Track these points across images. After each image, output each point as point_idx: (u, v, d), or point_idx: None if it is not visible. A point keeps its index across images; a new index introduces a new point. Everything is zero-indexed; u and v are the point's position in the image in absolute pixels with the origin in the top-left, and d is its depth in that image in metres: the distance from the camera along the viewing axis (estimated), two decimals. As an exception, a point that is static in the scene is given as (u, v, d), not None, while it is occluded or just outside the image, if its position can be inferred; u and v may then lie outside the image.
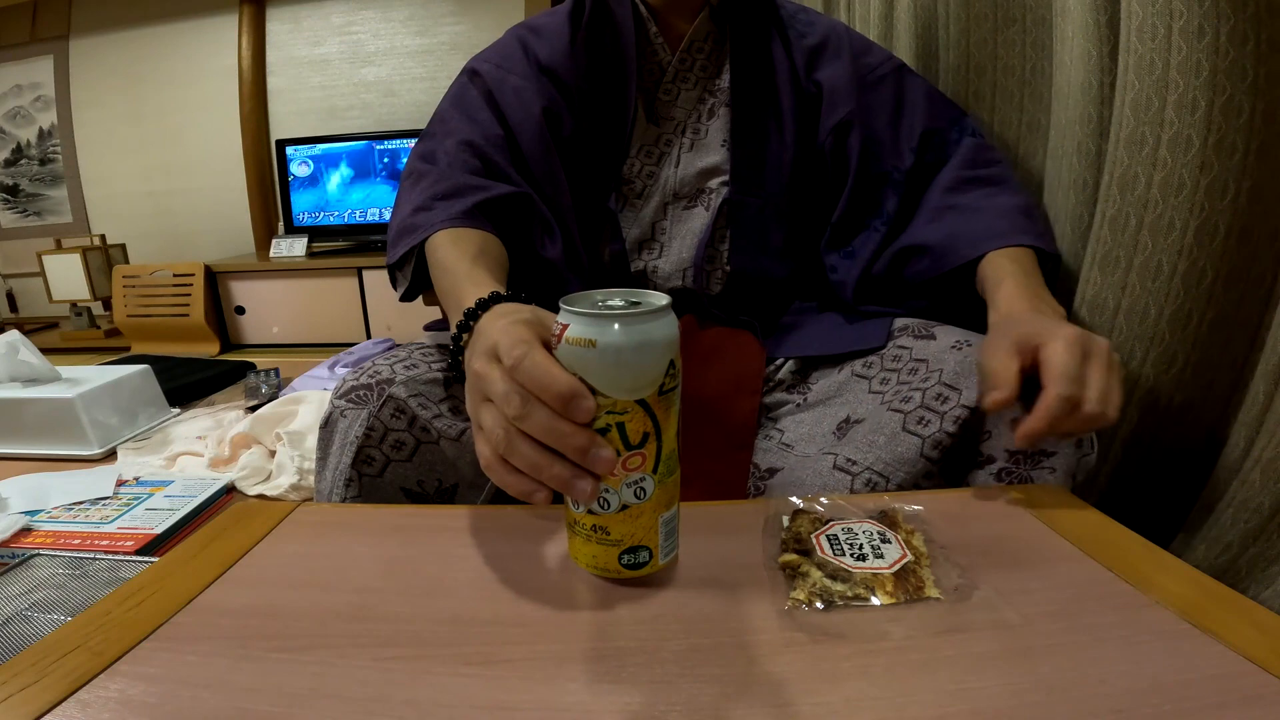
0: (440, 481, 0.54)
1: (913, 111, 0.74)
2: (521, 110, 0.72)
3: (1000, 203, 0.69)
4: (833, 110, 0.73)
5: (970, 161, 0.72)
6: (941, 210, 0.70)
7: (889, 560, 0.40)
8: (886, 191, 0.73)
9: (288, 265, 2.54)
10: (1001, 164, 0.73)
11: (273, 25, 2.83)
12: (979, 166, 0.72)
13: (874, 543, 0.41)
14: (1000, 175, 0.72)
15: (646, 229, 0.76)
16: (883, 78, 0.75)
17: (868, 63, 0.75)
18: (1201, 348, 0.63)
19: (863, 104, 0.73)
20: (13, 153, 3.07)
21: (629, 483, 0.36)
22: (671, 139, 0.76)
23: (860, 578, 0.38)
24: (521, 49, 0.75)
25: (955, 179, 0.71)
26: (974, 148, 0.73)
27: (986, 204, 0.69)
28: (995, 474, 0.53)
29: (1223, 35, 0.55)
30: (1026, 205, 0.70)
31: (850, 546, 0.41)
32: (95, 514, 1.14)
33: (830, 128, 0.73)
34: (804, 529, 0.42)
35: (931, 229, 0.70)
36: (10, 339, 1.50)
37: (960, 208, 0.69)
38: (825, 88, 0.74)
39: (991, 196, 0.69)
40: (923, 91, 0.76)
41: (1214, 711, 0.29)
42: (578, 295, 0.38)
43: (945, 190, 0.71)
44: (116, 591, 0.40)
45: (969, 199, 0.70)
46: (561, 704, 0.31)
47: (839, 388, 0.63)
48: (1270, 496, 0.53)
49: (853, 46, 0.76)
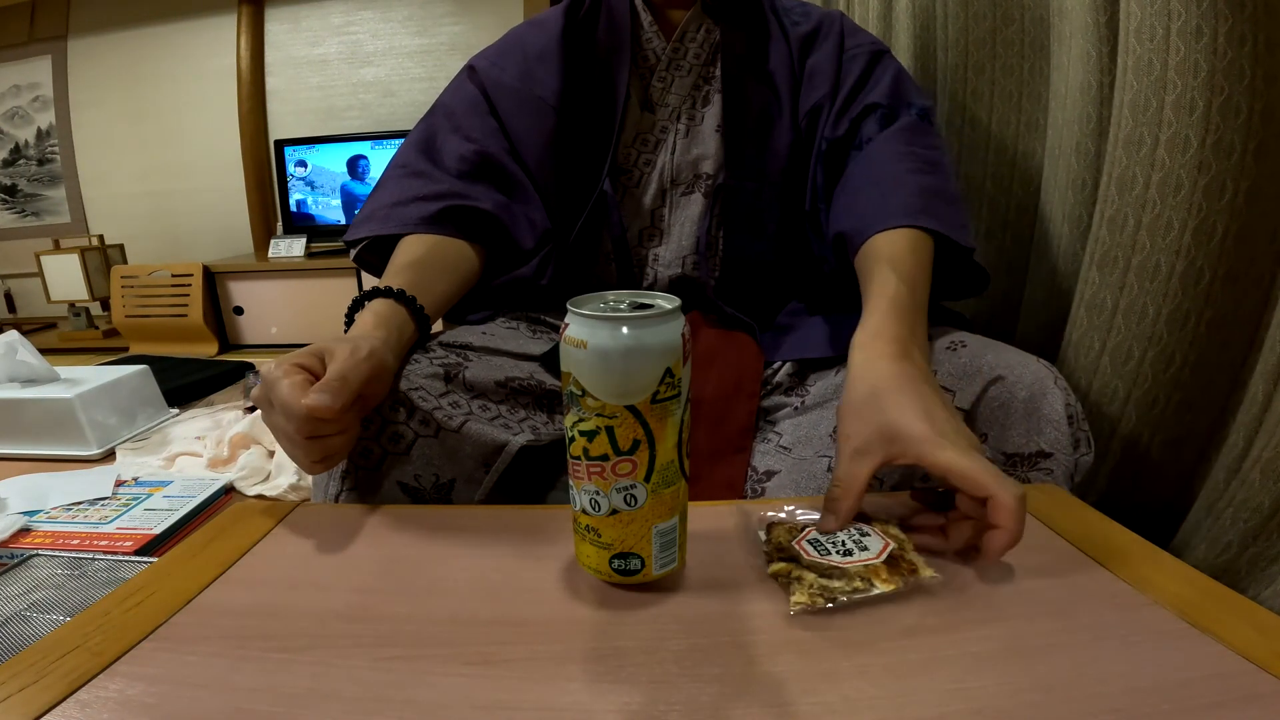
0: (437, 476, 0.54)
1: (872, 88, 0.72)
2: (515, 103, 0.74)
3: (924, 181, 0.64)
4: (810, 92, 0.74)
5: (907, 138, 0.68)
6: (860, 188, 0.67)
7: (875, 551, 0.39)
8: (815, 165, 0.72)
9: (286, 265, 2.54)
10: (938, 149, 0.69)
11: (271, 25, 2.83)
12: (914, 145, 0.68)
13: (854, 538, 0.41)
14: (934, 158, 0.68)
15: (647, 217, 0.77)
16: (855, 57, 0.74)
17: (849, 44, 0.75)
18: (1200, 347, 0.63)
19: (835, 84, 0.73)
20: (11, 153, 3.06)
21: (619, 488, 0.36)
22: (667, 126, 0.77)
23: (854, 571, 0.38)
24: (519, 42, 0.78)
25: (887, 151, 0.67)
26: (916, 125, 0.69)
27: (910, 180, 0.64)
28: (994, 475, 0.53)
29: (1221, 36, 0.55)
30: (948, 191, 0.65)
31: (833, 546, 0.40)
32: (94, 514, 1.14)
33: (806, 110, 0.73)
34: (783, 538, 0.42)
35: (848, 214, 0.66)
36: (9, 339, 1.49)
37: (881, 183, 0.65)
38: (808, 69, 0.74)
39: (918, 173, 0.65)
40: (892, 73, 0.73)
41: (1213, 711, 0.29)
42: (589, 295, 0.37)
43: (872, 162, 0.68)
44: (115, 592, 0.40)
45: (892, 171, 0.66)
46: (561, 704, 0.31)
47: (836, 390, 0.63)
48: (1269, 496, 0.54)
49: (843, 31, 0.76)
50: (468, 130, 0.74)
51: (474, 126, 0.74)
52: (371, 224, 0.69)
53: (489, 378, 0.59)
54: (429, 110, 0.79)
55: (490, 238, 0.71)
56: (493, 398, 0.59)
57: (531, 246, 0.72)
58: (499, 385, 0.59)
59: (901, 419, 0.42)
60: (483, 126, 0.74)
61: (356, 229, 0.71)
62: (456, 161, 0.72)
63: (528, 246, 0.72)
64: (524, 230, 0.72)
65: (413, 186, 0.70)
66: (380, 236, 0.69)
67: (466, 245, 0.69)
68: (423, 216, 0.67)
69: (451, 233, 0.68)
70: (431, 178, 0.71)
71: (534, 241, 0.72)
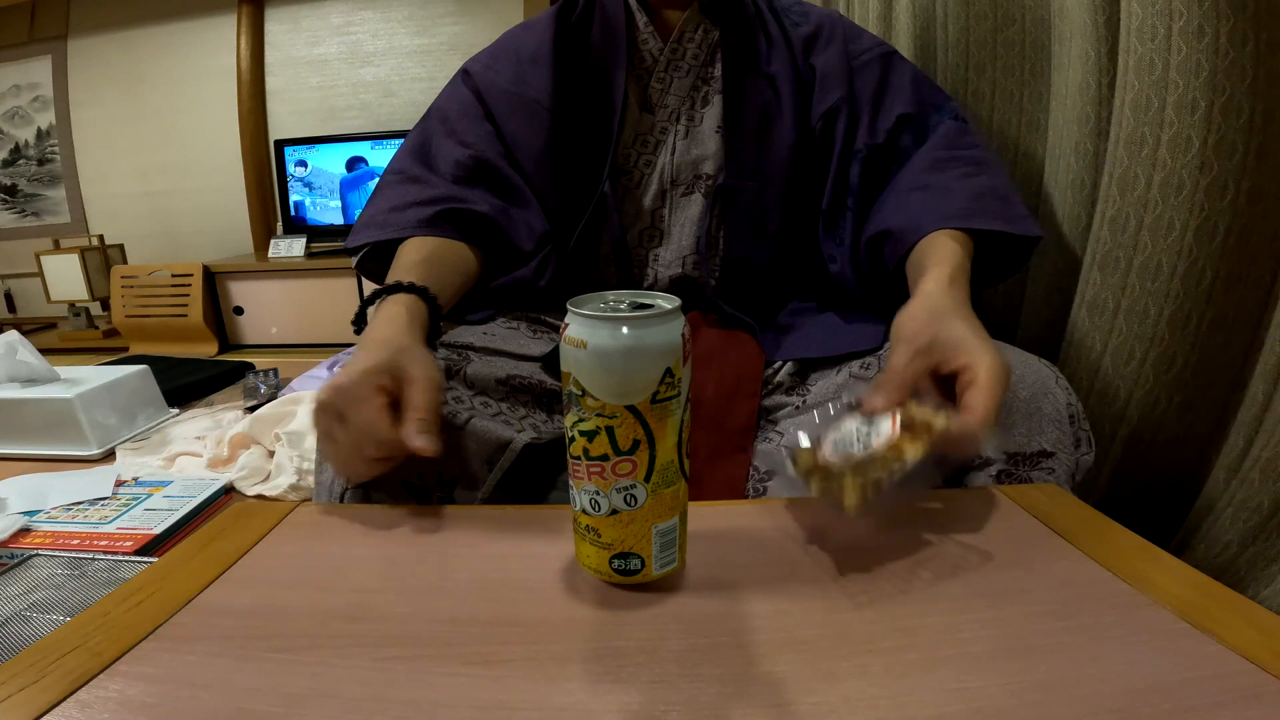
0: (440, 474, 0.54)
1: (895, 94, 0.74)
2: (509, 107, 0.74)
3: (975, 183, 0.67)
4: (825, 95, 0.74)
5: (948, 143, 0.71)
6: (911, 190, 0.69)
7: (888, 427, 0.41)
8: (853, 167, 0.73)
9: (286, 265, 2.54)
10: (980, 147, 0.72)
11: (271, 25, 2.83)
12: (957, 148, 0.71)
13: (865, 430, 0.42)
14: (979, 157, 0.70)
15: (647, 218, 0.77)
16: (868, 62, 0.75)
17: (856, 49, 0.76)
18: (1201, 348, 0.63)
19: (850, 89, 0.74)
20: (11, 153, 3.06)
21: (619, 488, 0.36)
22: (666, 127, 0.77)
23: (883, 452, 0.39)
24: (513, 46, 0.78)
25: (931, 159, 0.70)
26: (954, 130, 0.72)
27: (959, 184, 0.67)
28: (994, 475, 0.53)
29: (1222, 36, 0.55)
30: (1001, 188, 0.67)
31: (853, 443, 0.41)
32: (94, 514, 1.14)
33: (821, 113, 0.74)
34: (808, 461, 0.43)
35: (898, 212, 0.68)
36: (9, 339, 1.49)
37: (932, 187, 0.68)
38: (819, 72, 0.75)
39: (967, 177, 0.68)
40: (909, 76, 0.75)
41: (1212, 711, 0.29)
42: (589, 295, 0.37)
43: (919, 170, 0.70)
44: (115, 592, 0.40)
45: (942, 179, 0.68)
46: (561, 704, 0.31)
47: (838, 390, 0.63)
48: (1269, 496, 0.54)
49: (845, 33, 0.77)
50: (463, 135, 0.74)
51: (469, 131, 0.74)
52: (370, 230, 0.70)
53: (490, 375, 0.59)
54: (424, 115, 0.79)
55: (488, 240, 0.71)
56: (494, 395, 0.59)
57: (530, 249, 0.72)
58: (500, 383, 0.59)
59: (959, 332, 0.48)
60: (478, 131, 0.74)
61: (356, 235, 0.71)
62: (452, 167, 0.72)
63: (526, 249, 0.72)
64: (522, 233, 0.72)
65: (409, 192, 0.70)
66: (380, 244, 0.69)
67: (465, 247, 0.69)
68: (421, 220, 0.68)
69: (450, 234, 0.68)
70: (428, 183, 0.71)
71: (533, 244, 0.72)
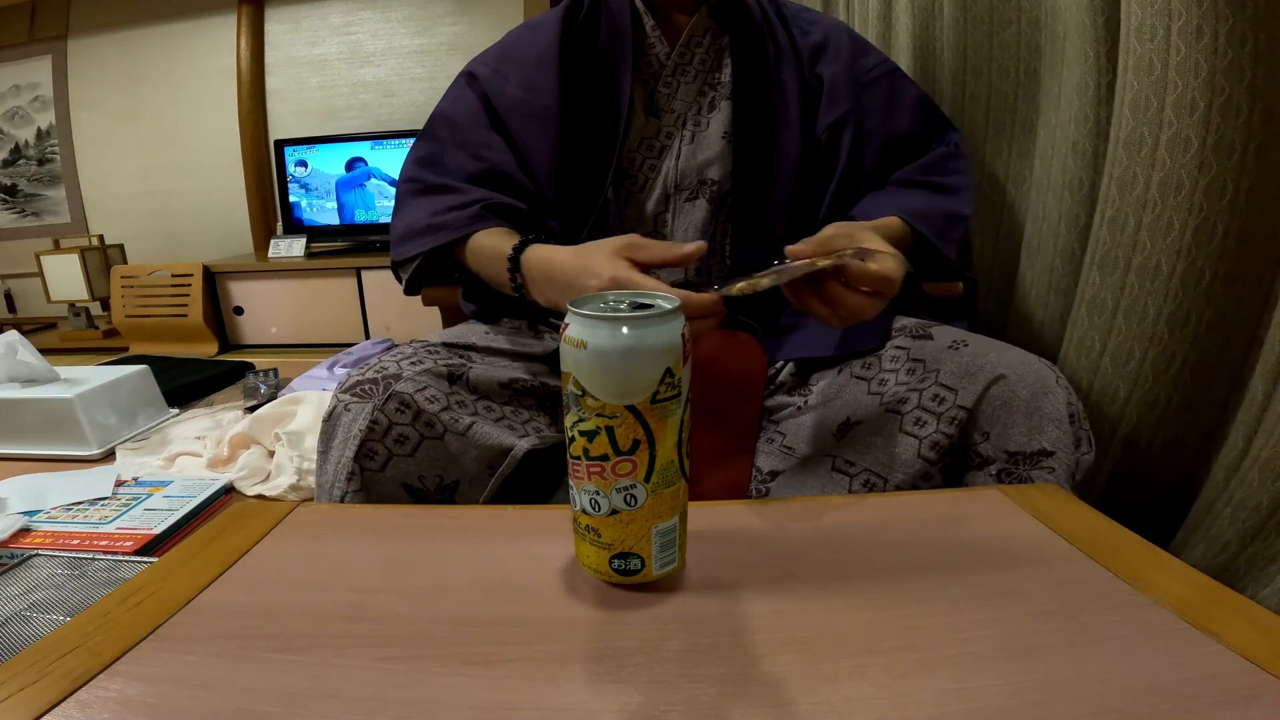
0: (441, 477, 0.54)
1: (900, 117, 0.76)
2: (521, 116, 0.74)
3: (936, 199, 0.71)
4: (832, 106, 0.75)
5: (929, 168, 0.75)
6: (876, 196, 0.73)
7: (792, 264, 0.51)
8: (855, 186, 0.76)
9: (286, 265, 2.54)
10: (961, 174, 0.75)
11: (271, 25, 2.82)
12: (935, 174, 0.74)
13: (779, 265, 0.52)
14: (954, 185, 0.74)
15: (649, 222, 0.77)
16: (876, 79, 0.76)
17: (864, 64, 0.77)
18: (1200, 348, 0.63)
19: (857, 104, 0.75)
20: (11, 153, 3.06)
21: (619, 488, 0.36)
22: (672, 132, 0.76)
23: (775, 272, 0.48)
24: (517, 48, 0.77)
25: (905, 178, 0.74)
26: (941, 155, 0.75)
27: (920, 196, 0.71)
28: (994, 475, 0.53)
29: (1221, 36, 0.55)
30: (955, 211, 0.71)
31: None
32: (94, 514, 1.14)
33: (827, 124, 0.74)
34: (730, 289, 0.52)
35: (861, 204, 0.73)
36: (9, 339, 1.49)
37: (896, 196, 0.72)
38: (826, 83, 0.75)
39: (931, 199, 0.71)
40: (914, 97, 0.77)
41: (1212, 711, 0.29)
42: (589, 295, 0.38)
43: (891, 185, 0.74)
44: (115, 592, 0.40)
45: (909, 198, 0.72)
46: (561, 704, 0.31)
47: (839, 390, 0.63)
48: (1268, 496, 0.54)
49: (852, 47, 0.77)
50: (474, 147, 0.74)
51: (479, 142, 0.74)
52: (417, 240, 0.70)
53: (493, 378, 0.59)
54: (429, 121, 0.78)
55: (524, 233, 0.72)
56: (497, 399, 0.59)
57: None
58: (503, 387, 0.59)
59: (875, 240, 0.52)
60: (488, 142, 0.74)
61: (403, 248, 0.72)
62: (466, 179, 0.72)
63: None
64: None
65: (442, 201, 0.71)
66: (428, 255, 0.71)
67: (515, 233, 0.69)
68: (467, 219, 0.69)
69: (498, 224, 0.69)
70: (457, 190, 0.72)
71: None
